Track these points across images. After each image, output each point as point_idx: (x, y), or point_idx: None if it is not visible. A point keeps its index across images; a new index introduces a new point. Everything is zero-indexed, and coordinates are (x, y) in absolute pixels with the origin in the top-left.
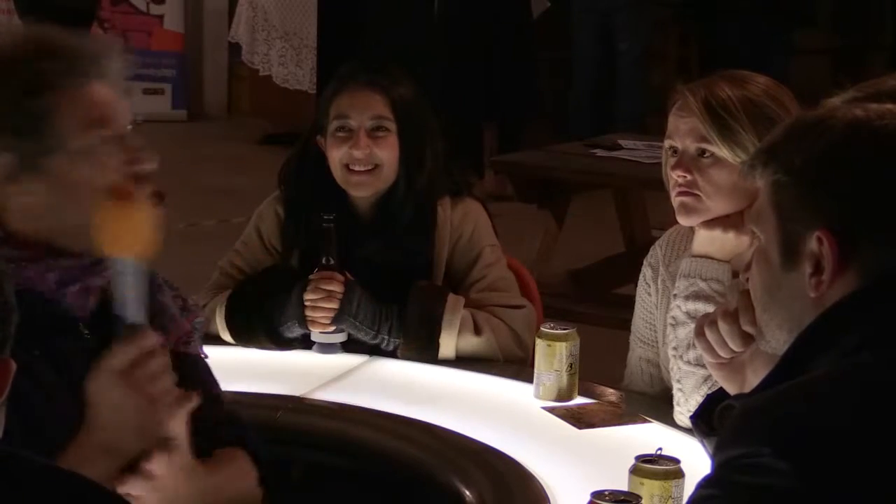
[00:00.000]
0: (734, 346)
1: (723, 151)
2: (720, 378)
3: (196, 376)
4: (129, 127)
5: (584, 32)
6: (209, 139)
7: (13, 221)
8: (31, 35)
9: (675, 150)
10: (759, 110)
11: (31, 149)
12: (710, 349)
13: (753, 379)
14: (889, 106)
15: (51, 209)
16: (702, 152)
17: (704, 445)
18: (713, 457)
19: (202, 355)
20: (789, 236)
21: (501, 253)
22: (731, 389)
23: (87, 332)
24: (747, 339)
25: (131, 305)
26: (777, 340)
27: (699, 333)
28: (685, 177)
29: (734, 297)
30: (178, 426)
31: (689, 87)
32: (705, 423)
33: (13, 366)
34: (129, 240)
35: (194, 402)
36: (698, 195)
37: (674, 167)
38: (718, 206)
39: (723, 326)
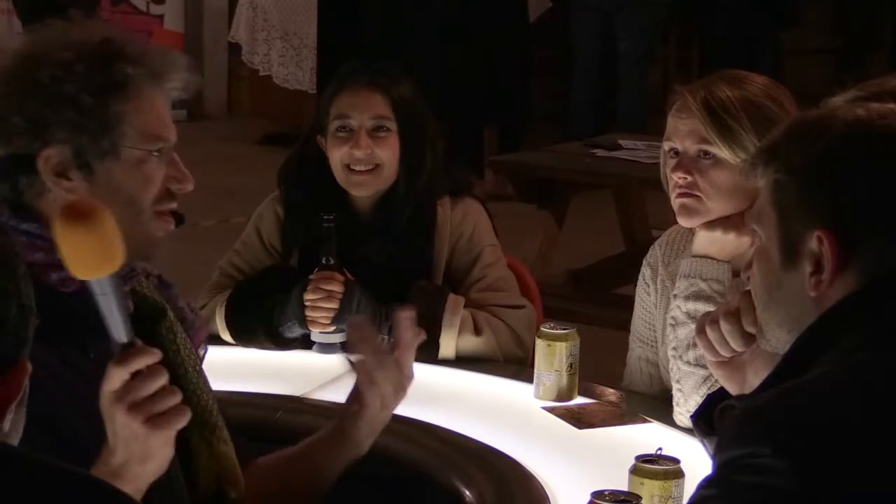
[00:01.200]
0: (735, 345)
1: (723, 152)
2: (720, 377)
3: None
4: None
5: (585, 32)
6: (209, 139)
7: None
8: (115, 36)
9: (675, 152)
10: (758, 110)
11: (87, 148)
12: (711, 348)
13: (754, 378)
14: (890, 106)
15: None
16: (702, 153)
17: (705, 445)
18: (714, 457)
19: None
20: (789, 235)
21: (501, 253)
22: (732, 389)
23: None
24: (748, 338)
25: (117, 324)
26: (777, 339)
27: (700, 332)
28: (685, 178)
29: (735, 297)
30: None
31: (689, 88)
32: (706, 422)
33: (29, 368)
34: (98, 258)
35: (188, 416)
36: (699, 196)
37: (674, 169)
38: (719, 207)
39: (724, 326)
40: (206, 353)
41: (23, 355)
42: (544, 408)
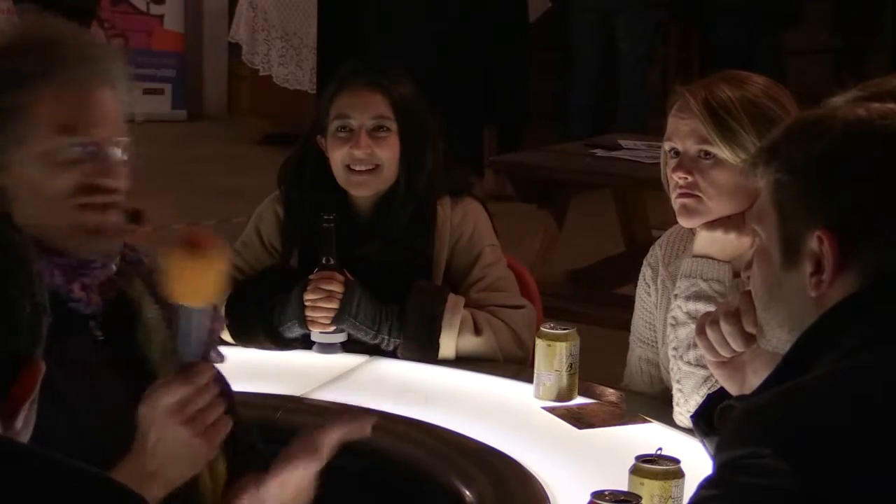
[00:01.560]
0: (735, 345)
1: (724, 152)
2: (720, 377)
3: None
4: (118, 139)
5: (585, 32)
6: (209, 139)
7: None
8: (25, 27)
9: (675, 152)
10: (759, 111)
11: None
12: (711, 348)
13: (754, 379)
14: (891, 106)
15: (21, 205)
16: (703, 154)
17: (705, 445)
18: (714, 457)
19: None
20: (790, 235)
21: (501, 253)
22: (731, 389)
23: (99, 332)
24: (749, 338)
25: (193, 345)
26: (778, 339)
27: (700, 332)
28: (686, 178)
29: (735, 297)
30: None
31: (689, 88)
32: (706, 422)
33: (43, 367)
34: (201, 289)
35: (230, 426)
36: (699, 196)
37: (674, 169)
38: (720, 207)
39: (724, 326)
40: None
41: (37, 354)
42: (544, 408)
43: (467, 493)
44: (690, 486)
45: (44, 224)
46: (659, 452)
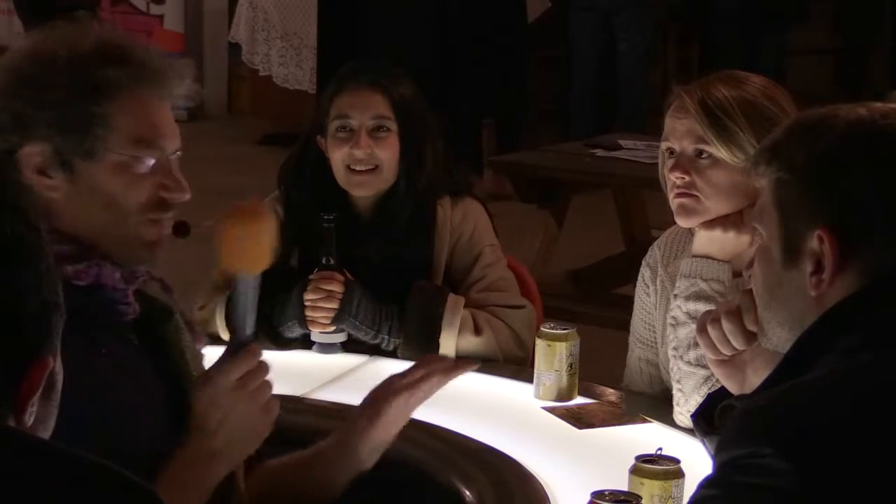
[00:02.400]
0: (736, 344)
1: (720, 152)
2: (721, 376)
3: None
4: (178, 152)
5: (584, 32)
6: (209, 139)
7: (59, 217)
8: (105, 37)
9: (672, 152)
10: (756, 110)
11: (68, 147)
12: (712, 346)
13: (754, 378)
14: (892, 105)
15: (74, 211)
16: (699, 153)
17: (705, 444)
18: (714, 457)
19: None
20: (790, 234)
21: (501, 253)
22: (732, 388)
23: (134, 337)
24: (750, 337)
25: (247, 321)
26: (778, 338)
27: (701, 330)
28: (683, 178)
29: (737, 296)
30: None
31: (686, 88)
32: (706, 421)
33: (50, 363)
34: (253, 256)
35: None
36: (697, 196)
37: (672, 169)
38: (717, 206)
39: (725, 324)
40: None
41: (45, 350)
42: (544, 408)
43: (467, 493)
44: (690, 486)
45: (108, 234)
46: (659, 452)
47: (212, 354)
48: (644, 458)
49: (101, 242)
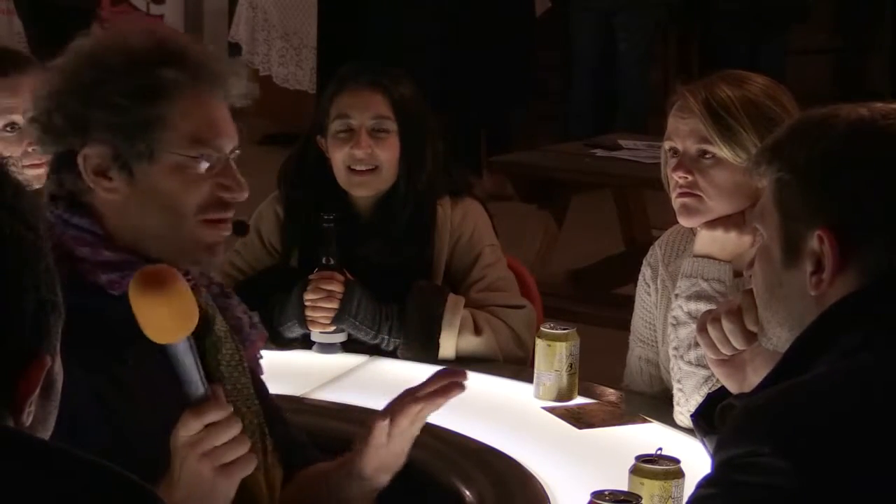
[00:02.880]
0: (737, 343)
1: (724, 152)
2: (721, 375)
3: (265, 398)
4: (236, 151)
5: (585, 32)
6: None
7: (116, 219)
8: (162, 37)
9: (675, 152)
10: (759, 110)
11: (127, 149)
12: (712, 346)
13: (754, 377)
14: (894, 106)
15: (133, 213)
16: (703, 153)
17: (705, 444)
18: (714, 456)
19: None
20: (791, 234)
21: (501, 253)
22: (732, 387)
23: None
24: (750, 337)
25: (192, 381)
26: (778, 338)
27: (702, 330)
28: (686, 178)
29: (737, 296)
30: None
31: (689, 88)
32: (706, 421)
33: (48, 363)
34: (174, 324)
35: (254, 464)
36: (700, 196)
37: (674, 168)
38: (720, 206)
39: (726, 324)
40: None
41: (42, 350)
42: (544, 408)
43: (467, 493)
44: (690, 486)
45: (165, 236)
46: (659, 452)
47: (272, 358)
48: (644, 458)
49: (157, 245)
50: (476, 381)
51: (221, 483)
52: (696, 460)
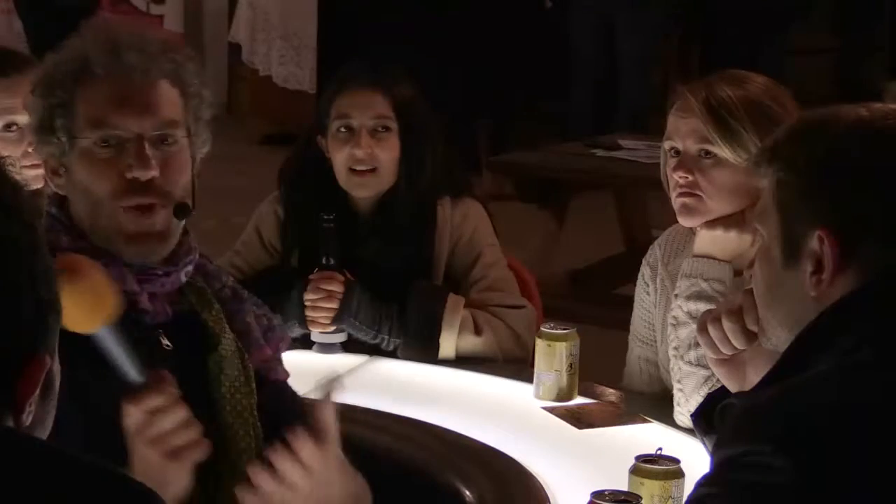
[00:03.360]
0: (737, 343)
1: (724, 152)
2: (721, 375)
3: (279, 405)
4: (159, 132)
5: (585, 32)
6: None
7: (72, 216)
8: (91, 26)
9: (675, 151)
10: (759, 110)
11: (65, 143)
12: (713, 345)
13: (754, 377)
14: (893, 106)
15: (73, 206)
16: (703, 153)
17: (705, 443)
18: (713, 455)
19: (285, 377)
20: (791, 234)
21: (501, 253)
22: (732, 386)
23: (167, 342)
24: (750, 336)
25: (127, 368)
26: (778, 338)
27: (702, 329)
28: (686, 178)
29: (738, 295)
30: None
31: (690, 87)
32: (706, 420)
33: (48, 363)
34: (94, 313)
35: (207, 450)
36: (700, 196)
37: (675, 168)
38: (720, 206)
39: (726, 324)
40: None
41: (41, 350)
42: (544, 408)
43: (467, 493)
44: (690, 486)
45: (96, 229)
46: (659, 452)
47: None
48: (644, 458)
49: (95, 236)
50: (476, 381)
51: (171, 468)
52: (696, 460)
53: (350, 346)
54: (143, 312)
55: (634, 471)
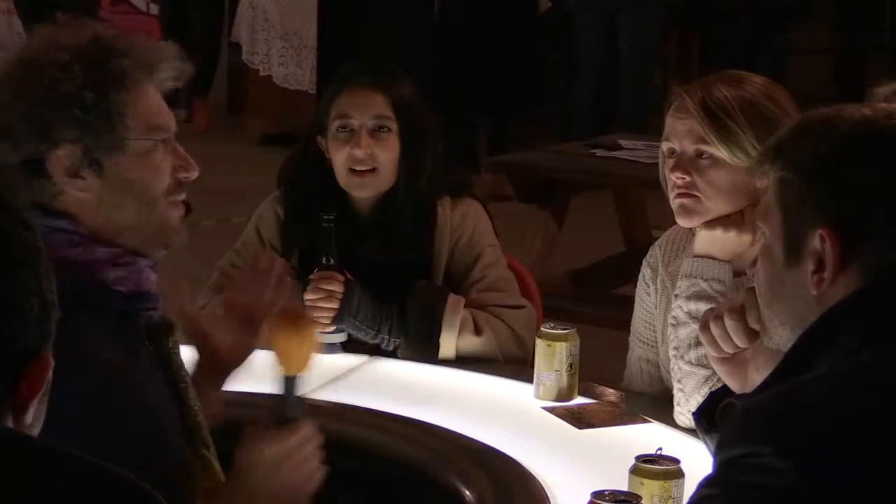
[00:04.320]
0: (739, 341)
1: (721, 152)
2: (723, 373)
3: None
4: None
5: (586, 32)
6: (209, 139)
7: (91, 218)
8: (103, 32)
9: (672, 152)
10: (756, 110)
11: (96, 144)
12: (715, 344)
13: (756, 376)
14: None
15: (106, 208)
16: (700, 153)
17: (706, 442)
18: (715, 456)
19: None
20: (793, 233)
21: (501, 253)
22: (734, 385)
23: (174, 338)
24: (752, 335)
25: (295, 405)
26: (780, 337)
27: (704, 328)
28: (684, 178)
29: (740, 294)
30: None
31: (686, 88)
32: (708, 419)
33: (52, 362)
34: (300, 360)
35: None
36: (697, 196)
37: (672, 169)
38: (718, 206)
39: (728, 322)
40: None
41: (44, 349)
42: (544, 408)
43: (467, 493)
44: (690, 486)
45: (140, 225)
46: (659, 452)
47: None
48: (644, 458)
49: (132, 236)
50: (476, 381)
51: (302, 493)
52: (696, 460)
53: (350, 346)
54: (156, 310)
55: (634, 471)
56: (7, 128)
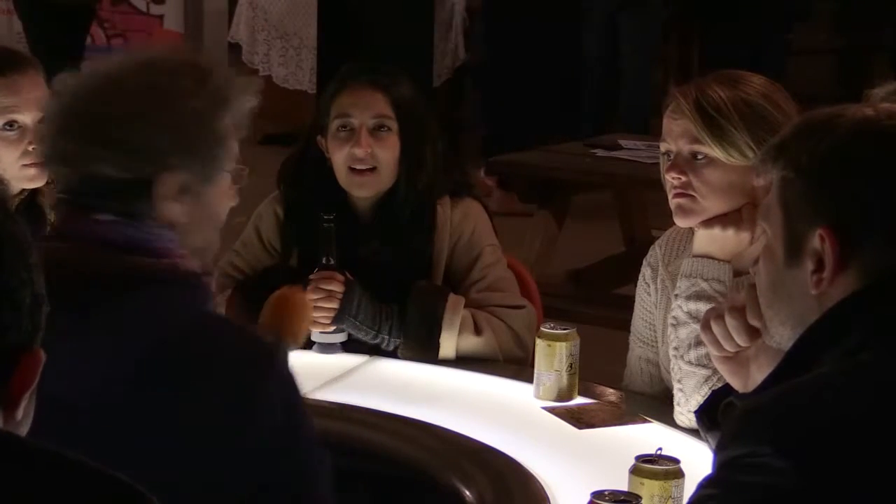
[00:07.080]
0: (740, 340)
1: (715, 152)
2: (724, 372)
3: None
4: None
5: (587, 32)
6: None
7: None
8: (188, 55)
9: (669, 153)
10: (751, 109)
11: (200, 171)
12: (716, 342)
13: (758, 374)
14: None
15: (185, 233)
16: (695, 154)
17: (707, 441)
18: (715, 456)
19: None
20: (794, 233)
21: (501, 253)
22: (735, 384)
23: None
24: (753, 333)
25: None
26: (781, 336)
27: (705, 327)
28: (680, 178)
29: (741, 293)
30: None
31: (681, 89)
32: (709, 418)
33: (43, 357)
34: (291, 334)
35: None
36: (693, 196)
37: (668, 169)
38: (714, 205)
39: (729, 321)
40: None
41: (36, 343)
42: (544, 408)
43: (467, 493)
44: (690, 486)
45: (202, 252)
46: (659, 452)
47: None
48: (644, 458)
49: (197, 257)
50: (476, 381)
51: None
52: (696, 460)
53: (350, 346)
54: None
55: (634, 471)
56: (120, 143)
